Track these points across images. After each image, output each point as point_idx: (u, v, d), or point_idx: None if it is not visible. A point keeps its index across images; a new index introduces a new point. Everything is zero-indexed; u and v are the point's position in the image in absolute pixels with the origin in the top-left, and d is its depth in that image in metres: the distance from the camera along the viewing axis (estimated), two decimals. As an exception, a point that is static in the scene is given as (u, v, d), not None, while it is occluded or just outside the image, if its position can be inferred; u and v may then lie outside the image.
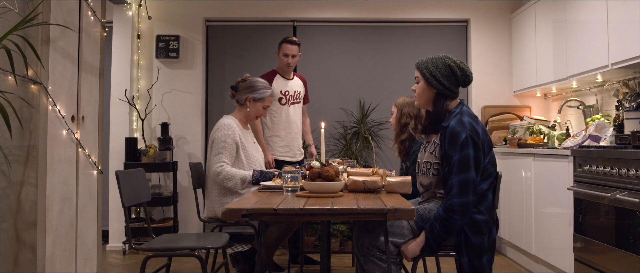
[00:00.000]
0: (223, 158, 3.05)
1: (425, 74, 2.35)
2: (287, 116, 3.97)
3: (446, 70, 2.32)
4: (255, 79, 3.32)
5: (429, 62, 2.36)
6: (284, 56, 3.96)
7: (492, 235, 2.28)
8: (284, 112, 3.97)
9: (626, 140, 3.03)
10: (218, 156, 3.06)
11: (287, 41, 3.96)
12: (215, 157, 3.06)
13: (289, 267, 3.83)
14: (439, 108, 2.34)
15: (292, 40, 3.96)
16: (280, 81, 4.00)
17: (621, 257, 2.68)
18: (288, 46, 3.95)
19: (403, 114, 3.09)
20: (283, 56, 3.96)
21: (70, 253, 2.72)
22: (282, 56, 3.97)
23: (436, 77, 2.32)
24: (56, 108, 2.53)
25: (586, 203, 3.03)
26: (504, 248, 4.51)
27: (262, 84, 3.30)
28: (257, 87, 3.27)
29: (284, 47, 3.95)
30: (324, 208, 1.86)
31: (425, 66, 2.36)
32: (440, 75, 2.32)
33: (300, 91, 4.10)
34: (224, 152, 3.06)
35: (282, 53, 3.96)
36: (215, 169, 3.05)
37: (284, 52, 3.95)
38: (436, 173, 2.33)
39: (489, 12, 5.13)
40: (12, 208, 2.35)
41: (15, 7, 2.35)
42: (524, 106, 5.09)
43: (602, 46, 3.40)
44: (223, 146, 3.06)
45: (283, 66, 4.00)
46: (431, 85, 2.34)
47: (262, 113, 3.31)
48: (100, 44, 3.08)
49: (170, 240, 2.69)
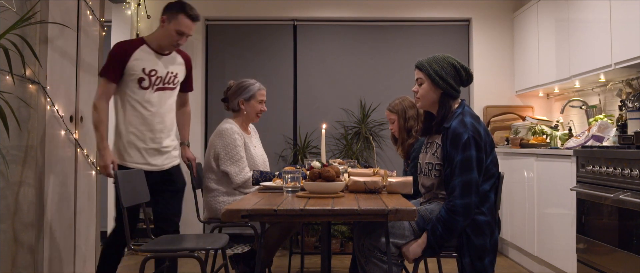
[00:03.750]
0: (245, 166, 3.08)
1: (431, 74, 2.31)
2: (150, 105, 2.84)
3: (451, 69, 2.31)
4: (240, 81, 3.27)
5: (433, 62, 2.32)
6: (176, 32, 2.83)
7: (494, 236, 2.26)
8: (145, 100, 2.82)
9: (629, 140, 3.01)
10: (239, 162, 3.06)
11: (188, 14, 2.84)
12: (238, 163, 3.06)
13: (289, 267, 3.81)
14: (446, 108, 2.31)
15: (194, 15, 2.88)
16: (147, 55, 2.84)
17: (624, 258, 2.65)
18: (187, 21, 2.84)
19: (407, 118, 3.04)
20: (175, 32, 2.83)
21: (69, 254, 2.70)
22: (173, 30, 2.82)
23: (443, 77, 2.29)
24: (54, 107, 2.52)
25: (589, 203, 3.00)
26: (506, 249, 4.48)
27: (247, 83, 3.24)
28: (243, 87, 3.22)
29: (182, 20, 2.83)
30: (324, 209, 1.84)
31: (429, 66, 2.32)
32: (446, 75, 2.29)
33: (177, 73, 3.00)
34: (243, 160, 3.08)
35: (175, 28, 2.82)
36: (243, 176, 3.05)
37: (178, 28, 2.83)
38: (438, 175, 2.31)
39: (491, 12, 5.10)
40: (10, 209, 2.33)
41: (13, 6, 2.34)
42: (526, 106, 5.06)
43: (605, 46, 3.37)
44: (237, 151, 3.07)
45: (165, 40, 2.86)
46: (438, 86, 2.30)
47: (260, 108, 3.24)
48: (99, 44, 3.06)
49: (169, 241, 2.67)
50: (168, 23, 2.82)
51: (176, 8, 2.83)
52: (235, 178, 3.04)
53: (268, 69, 5.16)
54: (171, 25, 2.82)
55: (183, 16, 2.82)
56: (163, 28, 2.84)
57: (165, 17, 2.83)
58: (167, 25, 2.82)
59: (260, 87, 3.25)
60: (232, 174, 3.04)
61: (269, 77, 5.02)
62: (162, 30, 2.85)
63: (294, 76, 5.20)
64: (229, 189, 3.10)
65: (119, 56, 2.74)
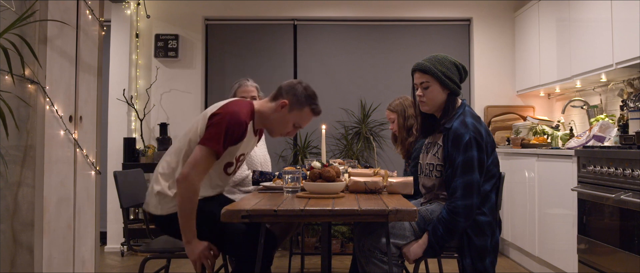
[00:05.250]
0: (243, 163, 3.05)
1: (439, 76, 2.28)
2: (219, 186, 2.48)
3: (454, 68, 2.32)
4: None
5: (437, 63, 2.30)
6: (294, 125, 2.36)
7: (495, 237, 2.25)
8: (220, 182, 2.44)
9: (631, 140, 3.01)
10: None
11: (314, 111, 2.34)
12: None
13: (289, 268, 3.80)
14: (453, 108, 2.30)
15: (319, 111, 2.36)
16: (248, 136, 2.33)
17: (626, 258, 2.64)
18: (311, 117, 2.36)
19: (407, 116, 3.05)
20: (292, 124, 2.35)
21: (68, 254, 2.69)
22: (292, 121, 2.34)
23: (450, 77, 2.29)
24: (53, 107, 2.50)
25: (590, 204, 2.99)
26: (507, 250, 4.47)
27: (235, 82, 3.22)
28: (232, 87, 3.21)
29: (306, 114, 2.34)
30: (324, 209, 1.83)
31: (435, 68, 2.28)
32: (452, 74, 2.30)
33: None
34: None
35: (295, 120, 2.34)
36: (241, 172, 3.03)
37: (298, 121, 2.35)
38: (439, 175, 2.30)
39: (492, 11, 5.09)
40: (9, 209, 2.32)
41: (12, 6, 2.32)
42: (527, 105, 5.05)
43: (607, 45, 3.36)
44: None
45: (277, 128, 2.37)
46: (446, 86, 2.29)
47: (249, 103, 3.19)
48: (98, 43, 3.05)
49: (169, 242, 2.66)
50: (289, 111, 2.30)
51: (304, 99, 2.30)
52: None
53: (268, 68, 5.15)
54: (292, 115, 2.31)
55: (309, 110, 2.33)
56: (280, 113, 2.31)
57: (288, 102, 2.29)
58: (287, 113, 2.30)
59: (242, 84, 3.15)
60: None
61: (268, 76, 5.02)
62: (277, 114, 2.31)
63: (294, 76, 5.19)
64: (229, 187, 3.09)
65: (237, 133, 2.18)
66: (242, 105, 2.27)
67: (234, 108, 2.21)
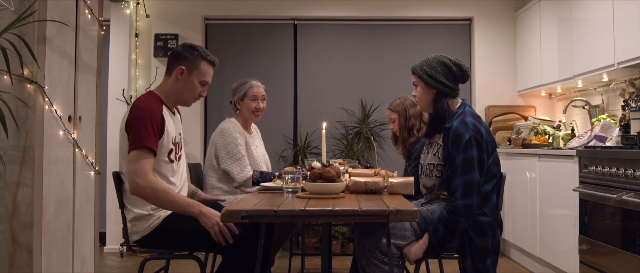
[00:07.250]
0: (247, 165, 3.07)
1: (422, 75, 2.33)
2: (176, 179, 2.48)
3: (442, 67, 2.31)
4: (239, 81, 3.27)
5: (424, 63, 2.35)
6: (200, 83, 2.48)
7: (496, 237, 2.25)
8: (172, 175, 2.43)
9: (632, 140, 3.00)
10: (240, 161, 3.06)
11: (209, 61, 2.51)
12: (239, 162, 3.05)
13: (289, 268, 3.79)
14: (440, 107, 2.31)
15: (214, 60, 2.54)
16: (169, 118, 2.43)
17: (627, 259, 2.63)
18: (210, 68, 2.53)
19: (408, 116, 3.04)
20: (199, 83, 2.47)
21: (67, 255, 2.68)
22: (196, 81, 2.46)
23: (433, 76, 2.30)
24: (53, 107, 2.49)
25: (592, 204, 2.98)
26: (508, 251, 4.46)
27: (241, 82, 3.24)
28: (237, 86, 3.24)
29: (205, 68, 2.49)
30: (325, 209, 1.83)
31: (420, 68, 2.34)
32: (436, 73, 2.30)
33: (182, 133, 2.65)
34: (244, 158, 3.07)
35: (199, 78, 2.47)
36: (245, 174, 3.04)
37: (202, 77, 2.48)
38: (439, 175, 2.30)
39: (493, 11, 5.08)
40: (8, 210, 2.31)
41: (11, 5, 2.32)
42: (529, 105, 5.04)
43: (608, 45, 3.35)
44: (238, 150, 3.06)
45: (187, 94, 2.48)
46: (430, 85, 2.31)
47: (254, 106, 3.18)
48: (98, 43, 3.04)
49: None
50: (189, 74, 2.41)
51: (194, 55, 2.42)
52: (237, 177, 3.04)
53: (268, 68, 5.14)
54: (193, 75, 2.41)
55: (206, 63, 2.45)
56: (181, 80, 2.41)
57: (184, 67, 2.41)
58: (188, 76, 2.41)
59: (253, 85, 3.20)
60: (234, 173, 3.04)
61: (269, 76, 5.00)
62: (180, 83, 2.42)
63: (294, 76, 5.18)
64: (231, 188, 3.09)
65: (157, 121, 2.25)
66: (146, 98, 2.38)
67: (142, 105, 2.31)
